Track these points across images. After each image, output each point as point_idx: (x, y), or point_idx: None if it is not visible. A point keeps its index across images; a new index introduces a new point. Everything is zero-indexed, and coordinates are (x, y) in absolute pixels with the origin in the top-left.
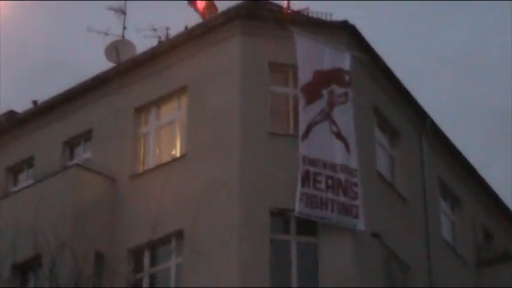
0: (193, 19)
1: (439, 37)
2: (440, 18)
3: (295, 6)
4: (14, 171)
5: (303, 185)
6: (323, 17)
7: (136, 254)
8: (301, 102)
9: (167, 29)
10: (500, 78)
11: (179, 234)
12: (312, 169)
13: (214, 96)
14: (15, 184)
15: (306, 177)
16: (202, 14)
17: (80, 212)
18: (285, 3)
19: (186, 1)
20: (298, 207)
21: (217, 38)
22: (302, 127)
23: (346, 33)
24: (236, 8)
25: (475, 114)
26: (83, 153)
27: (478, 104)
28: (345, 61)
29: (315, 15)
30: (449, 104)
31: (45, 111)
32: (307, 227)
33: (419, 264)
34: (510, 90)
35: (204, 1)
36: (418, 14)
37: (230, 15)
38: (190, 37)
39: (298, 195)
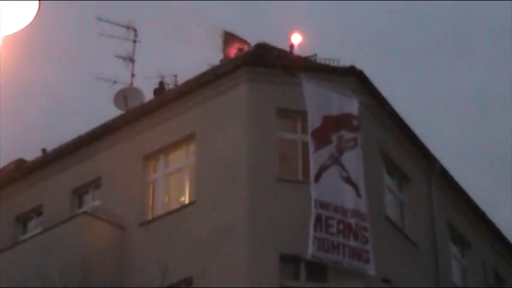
0: (201, 66)
1: (446, 79)
2: (448, 61)
3: (302, 52)
4: (23, 219)
5: (315, 229)
6: (330, 63)
7: None
8: (311, 147)
9: (175, 76)
10: (508, 119)
11: (189, 282)
12: (323, 213)
13: (223, 143)
14: (24, 232)
15: (318, 221)
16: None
17: (88, 260)
18: (292, 50)
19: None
20: (311, 250)
21: (225, 85)
22: (313, 171)
23: (354, 78)
24: (243, 55)
25: (483, 155)
26: (92, 201)
27: (486, 145)
28: (353, 106)
29: (322, 61)
30: (457, 146)
31: (54, 159)
32: (317, 273)
33: None
34: None
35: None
36: (424, 57)
37: (238, 62)
38: (198, 84)
39: (311, 238)
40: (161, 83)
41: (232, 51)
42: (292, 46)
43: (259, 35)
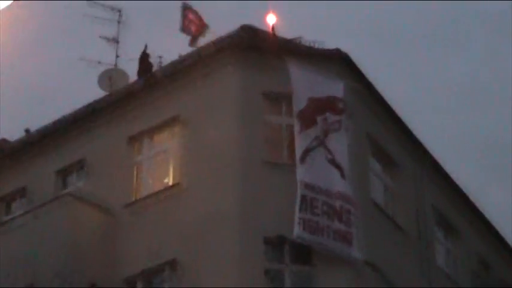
0: (186, 48)
1: (436, 67)
2: (439, 49)
3: (288, 35)
4: (7, 201)
5: (300, 210)
6: (315, 46)
7: (130, 284)
8: (297, 129)
9: (160, 57)
10: (497, 108)
11: (173, 264)
12: (309, 194)
13: (209, 126)
14: (7, 214)
15: (303, 202)
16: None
17: (73, 241)
18: (272, 31)
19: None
20: (296, 231)
21: (211, 68)
22: (298, 152)
23: (339, 62)
24: (229, 37)
25: (472, 143)
26: (76, 183)
27: (476, 133)
28: (338, 89)
29: (307, 44)
30: (445, 133)
31: (37, 140)
32: (302, 255)
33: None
34: (509, 120)
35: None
36: (415, 44)
37: (223, 45)
38: (183, 66)
39: (296, 219)
40: (147, 63)
41: (191, 26)
42: (272, 27)
43: (240, 16)
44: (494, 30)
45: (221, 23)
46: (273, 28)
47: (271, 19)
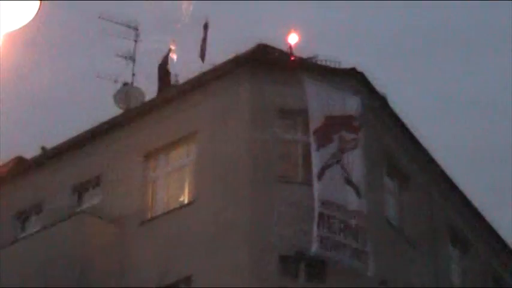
0: (202, 65)
1: (448, 82)
2: (451, 63)
3: (302, 53)
4: (23, 217)
5: (318, 227)
6: (331, 64)
7: None
8: (313, 146)
9: (176, 75)
10: (508, 123)
11: (188, 281)
12: (326, 212)
13: (224, 142)
14: (23, 230)
15: (321, 220)
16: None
17: (87, 258)
18: (291, 50)
19: None
20: (314, 248)
21: (226, 85)
22: (316, 169)
23: (355, 80)
24: (245, 54)
25: (485, 157)
26: (92, 199)
27: (487, 147)
28: (354, 107)
29: (322, 62)
30: (458, 148)
31: (54, 157)
32: (316, 272)
33: None
34: None
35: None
36: (427, 60)
37: (239, 61)
38: (199, 83)
39: (314, 235)
40: (166, 79)
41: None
42: (290, 47)
43: (258, 35)
44: (505, 42)
45: (242, 41)
46: (291, 47)
47: (293, 39)
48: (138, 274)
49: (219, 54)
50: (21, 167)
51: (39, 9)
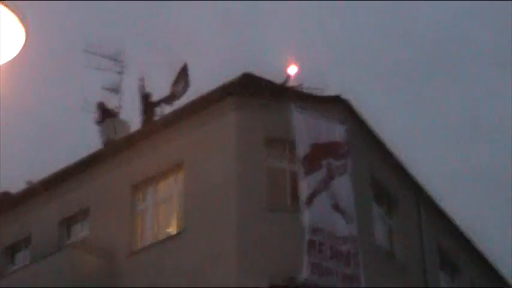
0: (189, 94)
1: (434, 105)
2: (436, 87)
3: (291, 81)
4: (11, 251)
5: (308, 254)
6: (317, 92)
7: None
8: (301, 173)
9: (161, 106)
10: (495, 144)
11: None
12: (316, 238)
13: (211, 172)
14: (12, 263)
15: (311, 246)
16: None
17: None
18: (288, 81)
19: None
20: (305, 274)
21: (213, 114)
22: (303, 196)
23: (340, 107)
24: (230, 84)
25: (472, 179)
26: (80, 232)
27: (475, 169)
28: (340, 134)
29: (308, 90)
30: (445, 171)
31: (40, 190)
32: None
33: None
34: (508, 156)
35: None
36: (413, 84)
37: (225, 91)
38: (185, 113)
39: (305, 263)
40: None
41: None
42: (288, 77)
43: (252, 65)
44: (489, 62)
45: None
46: (289, 78)
47: (292, 70)
48: None
49: (206, 83)
50: (7, 202)
51: (24, 42)
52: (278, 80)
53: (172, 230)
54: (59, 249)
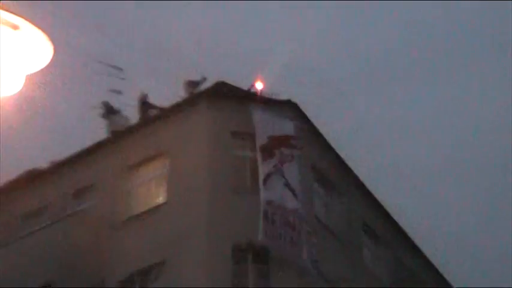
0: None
1: (372, 109)
2: (373, 92)
3: (251, 87)
4: (32, 216)
5: (263, 222)
6: (273, 97)
7: (128, 280)
8: (260, 160)
9: (154, 106)
10: (429, 139)
11: (161, 265)
12: (269, 209)
13: (188, 158)
14: (30, 228)
15: (265, 216)
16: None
17: (82, 249)
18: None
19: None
20: (260, 237)
21: (191, 112)
22: (261, 177)
23: (290, 108)
24: (205, 90)
25: (397, 169)
26: (88, 202)
27: (400, 161)
28: (289, 129)
29: (266, 95)
30: (374, 161)
31: (58, 168)
32: (261, 258)
33: (347, 283)
34: (429, 151)
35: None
36: (358, 91)
37: (200, 95)
38: (169, 112)
39: (260, 228)
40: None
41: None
42: (256, 92)
43: (226, 75)
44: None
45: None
46: (257, 92)
47: (259, 85)
48: (123, 258)
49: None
50: (32, 177)
51: (53, 53)
52: (245, 86)
53: (160, 200)
54: (70, 215)
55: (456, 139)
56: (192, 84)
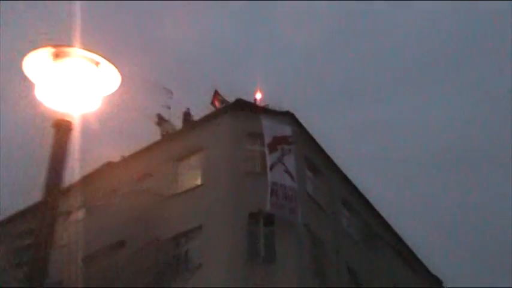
0: (206, 110)
1: (360, 114)
2: (362, 100)
3: (261, 102)
4: (108, 193)
5: (270, 196)
6: (276, 108)
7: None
8: (267, 152)
9: (193, 116)
10: (406, 135)
11: (200, 229)
12: (274, 188)
13: (217, 153)
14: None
15: (272, 192)
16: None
17: (145, 214)
18: (256, 102)
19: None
20: (268, 207)
21: (219, 120)
22: (268, 165)
23: (289, 117)
24: (230, 104)
25: (376, 160)
26: (147, 184)
27: (380, 154)
28: (288, 132)
29: (271, 107)
30: (358, 154)
31: (128, 161)
32: (269, 221)
33: (329, 241)
34: (404, 146)
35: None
36: (350, 99)
37: (225, 108)
38: (204, 119)
39: (268, 201)
40: (187, 114)
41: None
42: (255, 100)
43: (238, 90)
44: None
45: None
46: (256, 100)
47: (258, 96)
48: (167, 225)
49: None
50: (109, 167)
51: (121, 80)
52: (250, 98)
53: (198, 182)
54: (136, 193)
55: (421, 135)
56: (219, 99)
